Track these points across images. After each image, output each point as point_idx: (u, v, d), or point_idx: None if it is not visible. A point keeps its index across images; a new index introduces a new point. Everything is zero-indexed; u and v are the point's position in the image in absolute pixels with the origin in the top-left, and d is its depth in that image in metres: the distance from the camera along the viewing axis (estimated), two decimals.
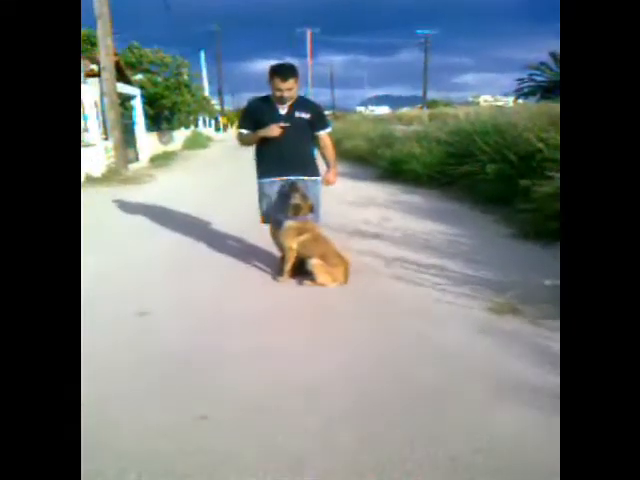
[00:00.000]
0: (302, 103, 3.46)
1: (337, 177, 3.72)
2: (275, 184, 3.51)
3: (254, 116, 3.48)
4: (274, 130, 3.32)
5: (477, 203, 6.27)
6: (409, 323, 2.82)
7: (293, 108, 3.39)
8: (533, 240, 4.35)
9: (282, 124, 3.33)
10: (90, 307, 3.08)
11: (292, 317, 2.99)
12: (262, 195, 3.60)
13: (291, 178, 3.47)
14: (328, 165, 3.69)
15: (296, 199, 3.37)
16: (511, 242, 4.52)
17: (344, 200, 6.54)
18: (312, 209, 3.48)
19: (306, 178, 3.51)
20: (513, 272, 3.53)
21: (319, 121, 3.52)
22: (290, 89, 3.28)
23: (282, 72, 3.25)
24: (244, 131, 3.53)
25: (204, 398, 2.10)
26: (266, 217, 3.64)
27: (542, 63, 29.19)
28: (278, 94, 3.29)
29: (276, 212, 3.53)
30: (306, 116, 3.41)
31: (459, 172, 6.85)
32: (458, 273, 3.58)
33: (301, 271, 3.53)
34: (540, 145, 5.19)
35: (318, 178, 3.60)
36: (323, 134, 3.56)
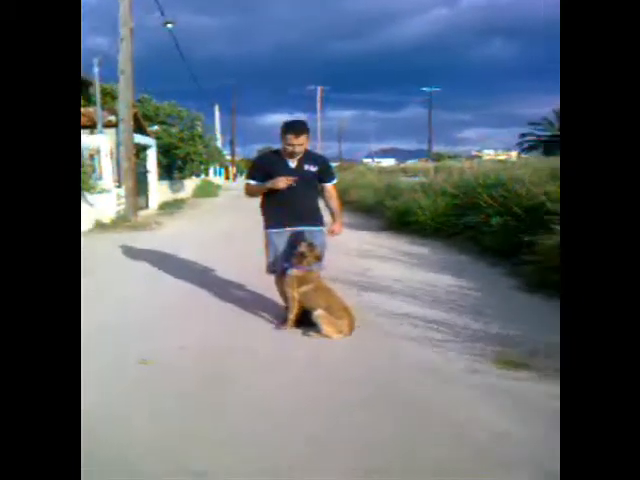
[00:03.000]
0: (310, 156, 3.59)
1: (342, 227, 3.78)
2: (282, 234, 3.57)
3: (264, 168, 3.59)
4: (281, 182, 3.40)
5: (482, 255, 6.29)
6: (411, 379, 2.78)
7: (302, 161, 3.52)
8: (539, 293, 4.33)
9: (290, 177, 3.41)
10: (90, 354, 3.07)
11: (293, 369, 2.95)
12: (268, 245, 3.65)
13: (298, 228, 3.54)
14: (333, 215, 3.75)
15: (303, 248, 3.42)
16: (517, 294, 4.50)
17: (348, 251, 6.59)
18: (319, 258, 3.52)
19: (313, 228, 3.58)
20: (520, 326, 3.49)
21: (326, 173, 3.65)
22: (301, 144, 3.43)
23: (295, 128, 3.40)
24: (253, 182, 3.61)
25: (201, 455, 2.06)
26: (271, 266, 3.66)
27: (544, 119, 30.04)
28: (290, 149, 3.42)
29: (282, 262, 3.56)
30: (314, 169, 3.54)
31: (464, 223, 6.92)
32: (464, 327, 3.55)
33: (306, 322, 3.51)
34: (543, 199, 5.26)
35: (323, 228, 3.67)
36: (329, 186, 3.68)
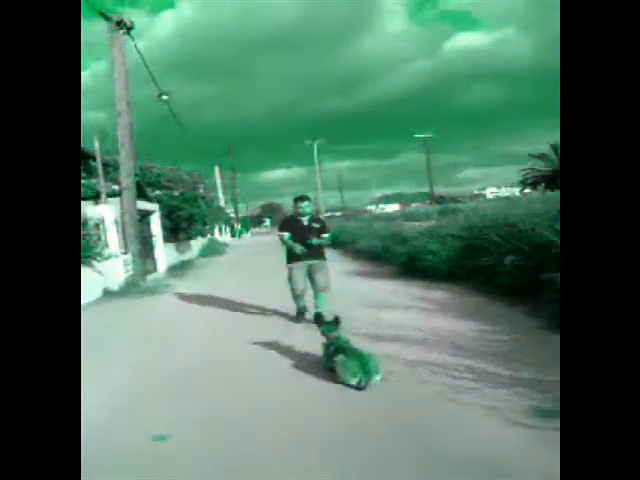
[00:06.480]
0: (315, 218, 5.90)
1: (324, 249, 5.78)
2: (301, 266, 5.55)
3: (289, 225, 5.73)
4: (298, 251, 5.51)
5: (499, 295, 6.15)
6: (442, 435, 2.60)
7: (310, 221, 5.68)
8: None
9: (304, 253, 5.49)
10: (102, 434, 2.92)
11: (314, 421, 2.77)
12: (291, 274, 5.58)
13: (310, 262, 5.54)
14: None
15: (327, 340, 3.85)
16: (542, 335, 4.32)
17: (364, 301, 6.48)
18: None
19: (319, 261, 5.62)
20: (551, 369, 3.31)
21: (323, 229, 5.74)
22: (307, 207, 5.68)
23: (302, 199, 5.68)
24: (284, 234, 5.64)
25: None
26: (294, 290, 5.59)
27: (542, 154, 30.54)
28: (300, 211, 5.63)
29: (301, 284, 5.58)
30: (317, 226, 5.70)
31: (476, 265, 6.81)
32: (493, 374, 3.38)
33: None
34: (552, 237, 5.18)
35: (325, 260, 5.70)
36: (325, 236, 5.72)
